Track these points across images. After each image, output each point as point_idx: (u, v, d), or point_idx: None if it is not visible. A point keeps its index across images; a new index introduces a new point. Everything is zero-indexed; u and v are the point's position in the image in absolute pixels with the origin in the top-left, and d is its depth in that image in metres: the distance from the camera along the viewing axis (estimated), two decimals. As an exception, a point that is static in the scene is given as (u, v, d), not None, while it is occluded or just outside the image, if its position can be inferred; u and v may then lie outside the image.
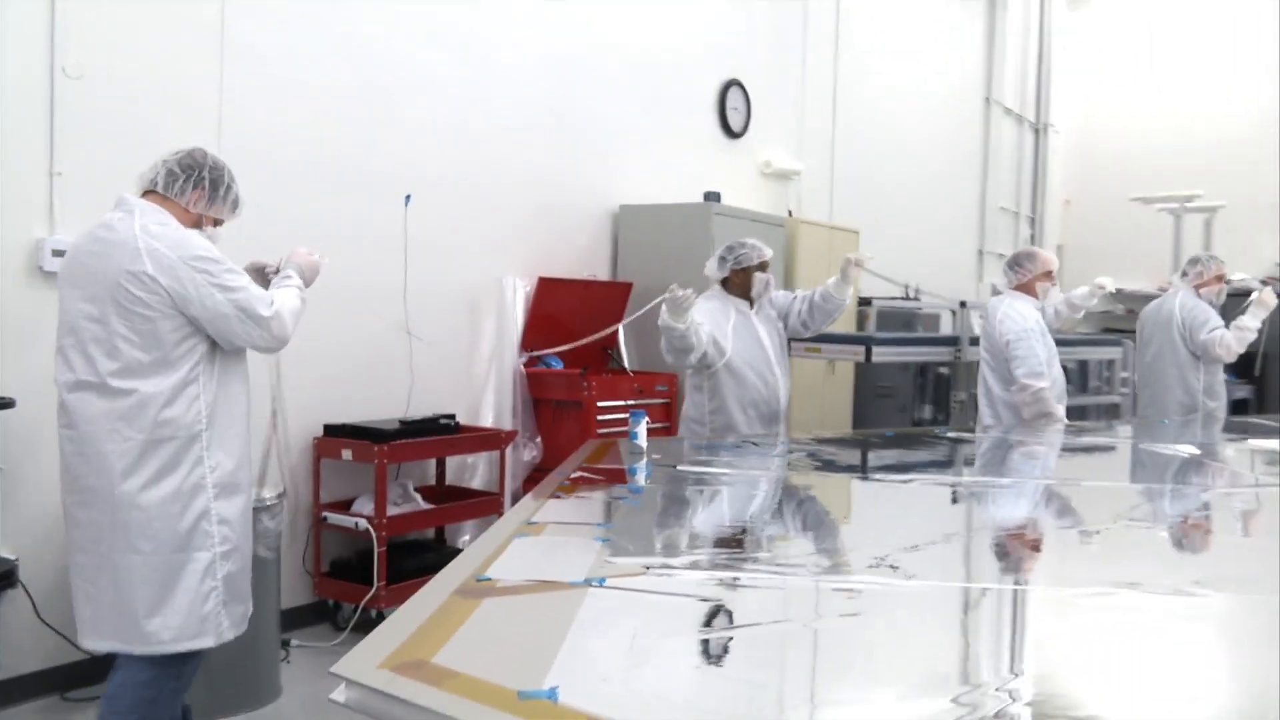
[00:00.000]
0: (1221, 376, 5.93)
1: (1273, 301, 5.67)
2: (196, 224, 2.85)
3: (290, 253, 3.12)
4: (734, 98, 7.08)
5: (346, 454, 4.51)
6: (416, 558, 4.71)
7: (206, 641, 2.75)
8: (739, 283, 4.31)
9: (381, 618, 4.51)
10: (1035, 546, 2.42)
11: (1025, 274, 4.97)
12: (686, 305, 3.79)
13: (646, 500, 2.67)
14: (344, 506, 4.63)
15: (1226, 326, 5.72)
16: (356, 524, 4.44)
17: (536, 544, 2.08)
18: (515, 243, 5.63)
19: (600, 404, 5.46)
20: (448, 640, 1.48)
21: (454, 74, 5.28)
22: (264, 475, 4.28)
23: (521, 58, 5.63)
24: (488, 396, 5.48)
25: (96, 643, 2.76)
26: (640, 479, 3.12)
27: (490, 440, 5.11)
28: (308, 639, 4.47)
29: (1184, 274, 6.04)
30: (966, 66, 10.16)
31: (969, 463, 4.12)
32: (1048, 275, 4.98)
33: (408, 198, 5.00)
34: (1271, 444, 4.45)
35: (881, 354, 5.89)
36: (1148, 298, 6.91)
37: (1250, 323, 5.64)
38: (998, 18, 10.46)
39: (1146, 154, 11.33)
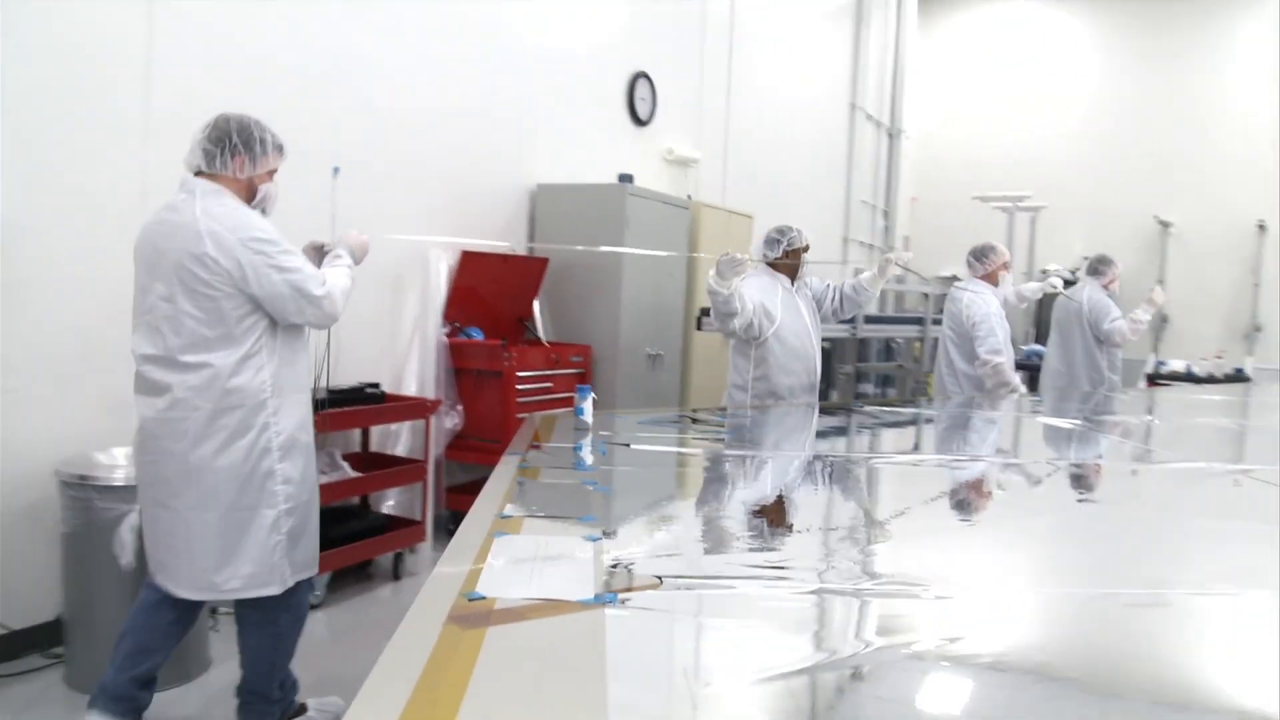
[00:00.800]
0: (1120, 356, 6.05)
1: (1161, 299, 6.01)
2: (252, 188, 2.67)
3: (342, 233, 2.96)
4: (641, 89, 6.61)
5: (274, 422, 3.91)
6: (343, 525, 4.14)
7: (272, 589, 2.66)
8: (789, 262, 4.18)
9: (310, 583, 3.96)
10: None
11: (990, 264, 5.03)
12: (739, 270, 3.67)
13: (618, 485, 2.20)
14: (270, 474, 4.04)
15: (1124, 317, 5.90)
16: (284, 492, 3.85)
17: (520, 546, 1.61)
18: (438, 218, 5.06)
19: (519, 374, 4.98)
20: (462, 700, 1.02)
21: (384, 56, 4.68)
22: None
23: (447, 44, 5.05)
24: (411, 366, 4.91)
25: (173, 589, 2.65)
26: (587, 456, 2.67)
27: (416, 409, 4.56)
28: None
29: (1094, 272, 6.08)
30: (836, 76, 9.92)
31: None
32: (1005, 266, 5.06)
33: (335, 169, 4.38)
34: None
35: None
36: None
37: (1142, 316, 5.87)
38: (861, 35, 10.23)
39: (978, 160, 11.37)
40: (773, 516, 2.03)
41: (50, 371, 3.40)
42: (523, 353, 5.06)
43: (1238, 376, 7.85)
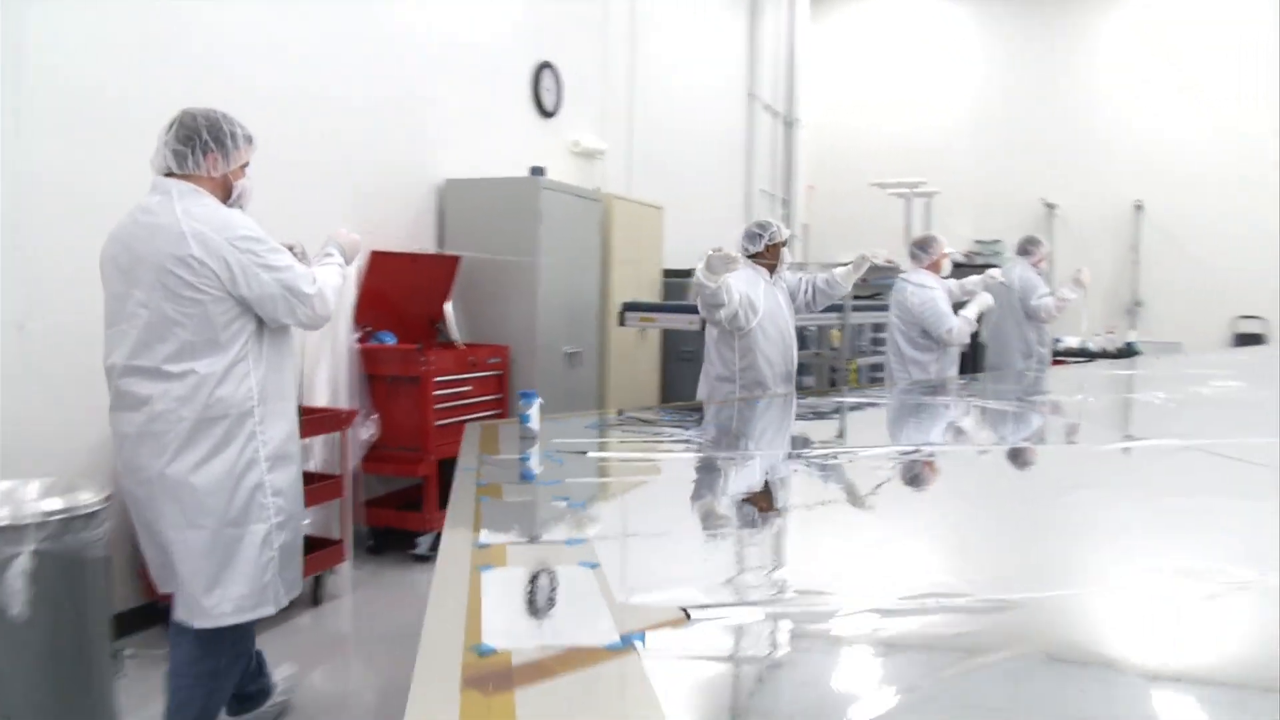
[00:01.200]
0: (1049, 332, 6.42)
1: (1087, 280, 6.25)
2: (227, 186, 2.53)
3: (334, 231, 2.84)
4: (547, 79, 6.40)
5: (177, 443, 3.59)
6: (258, 549, 3.84)
7: (266, 610, 2.53)
8: (770, 256, 4.23)
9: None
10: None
11: (934, 254, 5.25)
12: (732, 266, 3.68)
13: (590, 499, 2.01)
14: (174, 499, 3.71)
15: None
16: (192, 519, 3.53)
17: (514, 582, 1.41)
18: (343, 216, 4.72)
19: (437, 379, 4.73)
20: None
21: (285, 45, 4.36)
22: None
23: (344, 30, 4.74)
24: (321, 374, 4.59)
25: (175, 612, 2.52)
26: (536, 466, 2.48)
27: (330, 421, 4.26)
28: (142, 645, 3.53)
29: (1024, 252, 6.41)
30: (734, 65, 9.88)
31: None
32: (944, 254, 5.28)
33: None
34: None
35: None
36: (875, 269, 7.00)
37: (1068, 294, 6.17)
38: (756, 23, 10.22)
39: (871, 148, 11.50)
40: (778, 525, 1.88)
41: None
42: (439, 356, 4.81)
43: (1129, 350, 8.12)
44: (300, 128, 4.46)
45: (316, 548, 4.12)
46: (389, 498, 4.94)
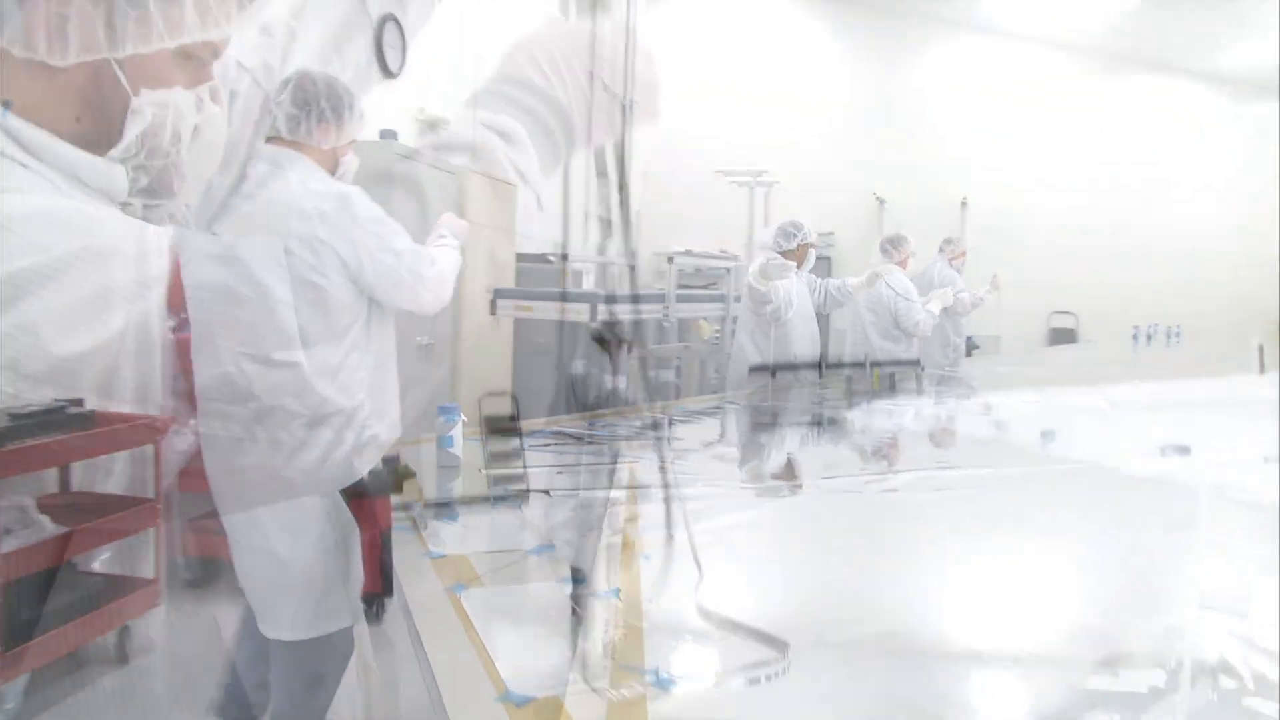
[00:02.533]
0: (964, 324, 6.77)
1: (1001, 284, 6.76)
2: (334, 158, 2.34)
3: (443, 217, 2.65)
4: (390, 33, 5.54)
5: (-72, 470, 2.64)
6: (46, 600, 2.92)
7: (344, 621, 2.24)
8: (799, 253, 4.52)
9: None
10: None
11: (903, 253, 5.50)
12: (785, 274, 4.05)
13: (611, 575, 1.36)
14: (-76, 544, 2.75)
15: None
16: (-49, 571, 2.61)
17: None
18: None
19: (273, 376, 3.88)
20: None
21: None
22: None
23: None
24: (124, 373, 3.63)
25: (266, 630, 2.23)
26: (446, 503, 1.82)
27: (141, 432, 3.34)
28: None
29: (940, 250, 6.64)
30: (575, 41, 9.25)
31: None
32: (910, 253, 5.59)
33: (6, 104, 3.11)
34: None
35: (604, 312, 4.81)
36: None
37: (983, 295, 6.62)
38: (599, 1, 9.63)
39: (705, 137, 11.17)
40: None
41: None
42: (274, 350, 3.96)
43: (968, 345, 8.14)
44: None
45: (121, 591, 3.25)
46: (214, 518, 4.04)
